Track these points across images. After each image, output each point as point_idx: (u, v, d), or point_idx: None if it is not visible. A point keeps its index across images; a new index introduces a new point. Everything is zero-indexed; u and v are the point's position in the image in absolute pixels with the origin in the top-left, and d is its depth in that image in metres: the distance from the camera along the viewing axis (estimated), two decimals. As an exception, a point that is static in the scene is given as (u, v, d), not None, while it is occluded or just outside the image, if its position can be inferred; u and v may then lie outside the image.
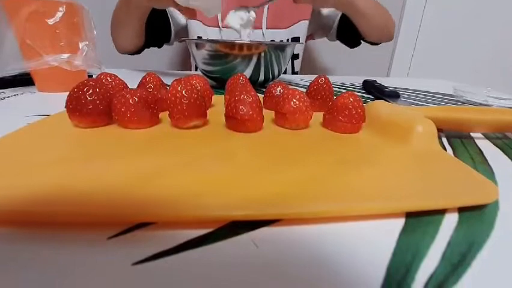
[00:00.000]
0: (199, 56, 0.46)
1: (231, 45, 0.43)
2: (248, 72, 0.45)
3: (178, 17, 0.71)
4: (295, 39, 0.75)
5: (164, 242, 0.11)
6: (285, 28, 0.73)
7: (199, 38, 0.71)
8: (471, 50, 1.22)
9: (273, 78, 0.49)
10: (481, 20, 1.18)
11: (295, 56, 0.79)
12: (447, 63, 1.24)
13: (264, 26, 0.70)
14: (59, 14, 0.36)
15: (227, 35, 0.70)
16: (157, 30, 0.68)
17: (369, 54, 0.80)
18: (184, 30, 0.73)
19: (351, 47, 0.78)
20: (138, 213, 0.12)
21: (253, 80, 0.47)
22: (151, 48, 0.71)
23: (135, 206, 0.12)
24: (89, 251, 0.11)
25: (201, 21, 0.70)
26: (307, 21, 0.74)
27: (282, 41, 0.72)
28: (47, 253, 0.10)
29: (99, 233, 0.12)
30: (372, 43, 0.72)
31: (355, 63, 1.17)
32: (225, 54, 0.43)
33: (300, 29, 0.74)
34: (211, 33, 0.71)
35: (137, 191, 0.14)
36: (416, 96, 0.48)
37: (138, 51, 0.69)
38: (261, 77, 0.47)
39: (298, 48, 0.79)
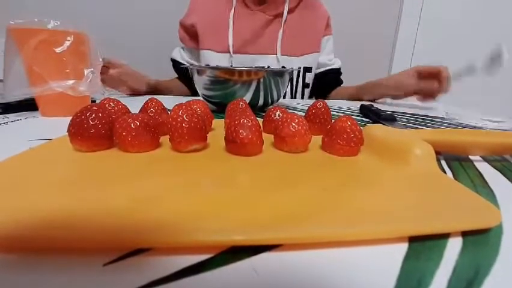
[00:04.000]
0: (200, 81, 0.47)
1: (231, 71, 0.44)
2: (248, 97, 0.46)
3: (189, 60, 0.82)
4: (308, 69, 0.81)
5: (162, 268, 0.11)
6: (299, 56, 0.79)
7: (207, 65, 0.77)
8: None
9: (272, 102, 0.50)
10: (473, 41, 1.23)
11: (306, 85, 0.84)
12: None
13: (278, 52, 0.76)
14: (67, 43, 0.37)
15: (237, 61, 0.77)
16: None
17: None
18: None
19: (316, 97, 0.88)
20: (135, 239, 0.12)
21: (253, 105, 0.48)
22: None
23: (132, 231, 0.12)
24: (84, 279, 0.10)
25: (212, 50, 0.77)
26: (318, 53, 0.81)
27: (292, 68, 0.78)
28: (40, 280, 0.10)
29: (94, 260, 0.11)
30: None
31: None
32: (225, 80, 0.44)
33: (312, 59, 0.80)
34: (223, 59, 0.77)
35: (136, 215, 0.13)
36: (409, 119, 0.49)
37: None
38: (261, 102, 0.48)
39: (309, 78, 0.84)
